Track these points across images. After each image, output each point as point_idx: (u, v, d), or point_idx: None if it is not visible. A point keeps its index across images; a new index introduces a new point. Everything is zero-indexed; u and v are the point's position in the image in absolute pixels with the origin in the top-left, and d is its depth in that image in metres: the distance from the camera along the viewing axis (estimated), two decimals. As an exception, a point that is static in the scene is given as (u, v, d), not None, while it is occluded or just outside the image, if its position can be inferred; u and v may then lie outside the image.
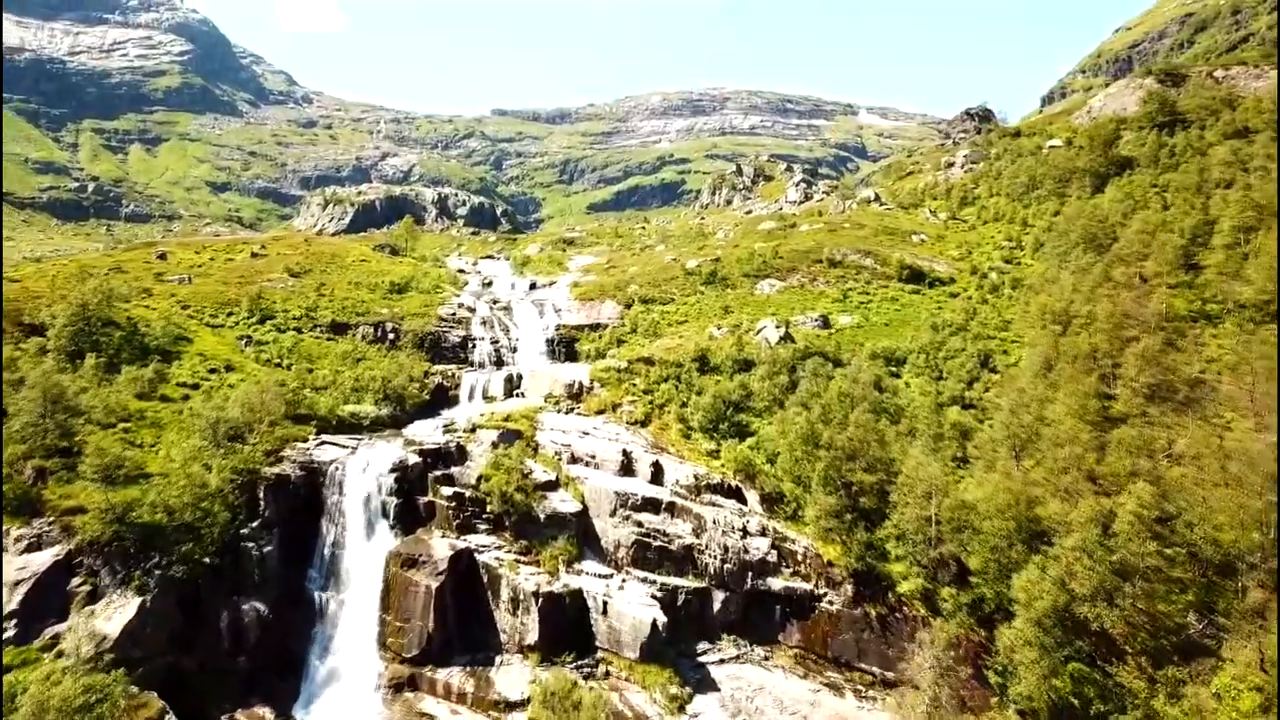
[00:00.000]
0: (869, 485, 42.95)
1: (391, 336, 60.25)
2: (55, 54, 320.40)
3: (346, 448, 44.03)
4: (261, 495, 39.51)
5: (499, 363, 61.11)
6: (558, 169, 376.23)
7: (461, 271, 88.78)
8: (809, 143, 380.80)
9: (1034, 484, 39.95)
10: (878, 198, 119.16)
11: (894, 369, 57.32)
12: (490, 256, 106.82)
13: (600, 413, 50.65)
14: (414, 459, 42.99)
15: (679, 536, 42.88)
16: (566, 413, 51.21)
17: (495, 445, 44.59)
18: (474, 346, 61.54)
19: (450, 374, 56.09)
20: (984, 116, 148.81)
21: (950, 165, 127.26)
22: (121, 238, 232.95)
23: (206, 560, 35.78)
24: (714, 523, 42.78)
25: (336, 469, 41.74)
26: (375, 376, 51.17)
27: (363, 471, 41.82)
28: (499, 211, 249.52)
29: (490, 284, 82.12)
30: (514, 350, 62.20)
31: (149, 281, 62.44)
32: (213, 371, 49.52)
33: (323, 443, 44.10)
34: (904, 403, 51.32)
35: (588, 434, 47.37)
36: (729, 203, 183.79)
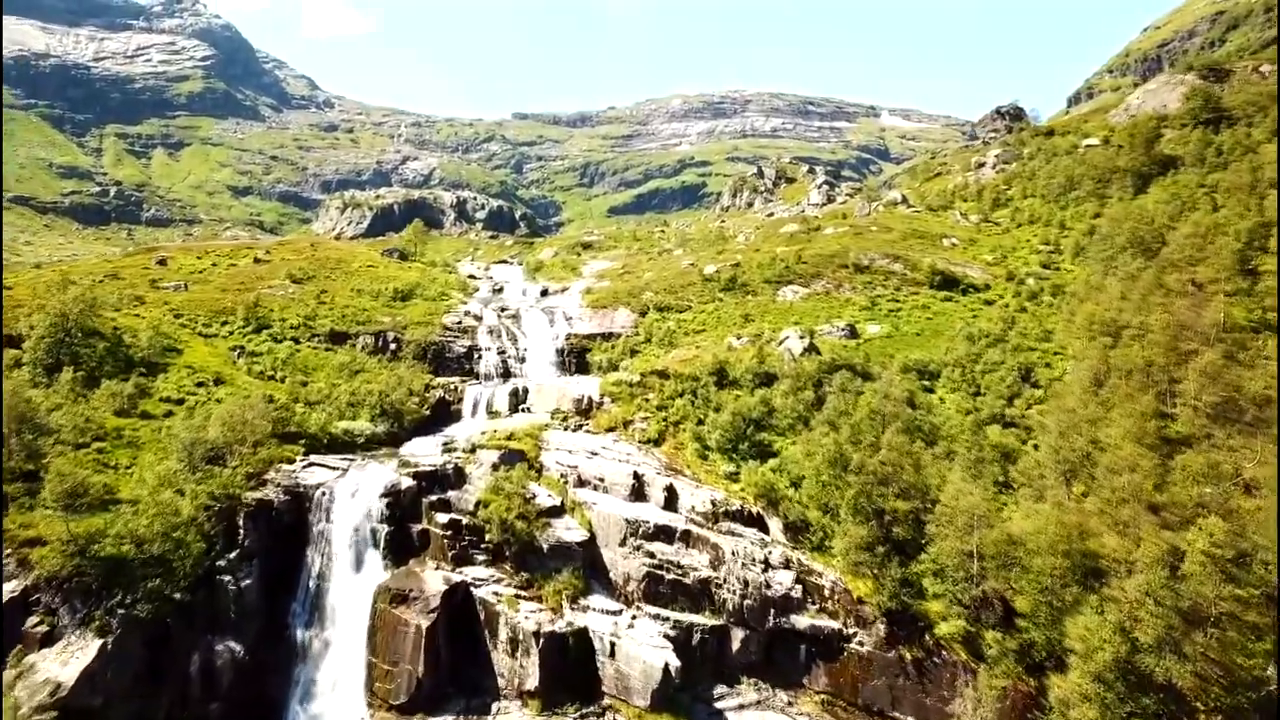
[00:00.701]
0: (903, 514, 39.16)
1: (393, 347, 57.22)
2: (80, 60, 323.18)
3: (336, 469, 40.86)
4: (241, 523, 36.46)
5: (506, 374, 57.87)
6: (578, 172, 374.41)
7: (472, 277, 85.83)
8: (831, 145, 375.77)
9: (1088, 516, 35.98)
10: (905, 199, 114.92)
11: (927, 383, 53.39)
12: (504, 261, 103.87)
13: (610, 430, 47.19)
14: (408, 482, 39.72)
15: (695, 569, 39.31)
16: (575, 429, 47.82)
17: (496, 467, 41.25)
18: (480, 357, 58.34)
19: (453, 387, 52.88)
20: (1015, 115, 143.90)
21: (981, 165, 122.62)
22: (141, 241, 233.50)
23: (177, 596, 32.72)
24: (733, 554, 39.17)
25: (324, 494, 38.57)
26: (372, 390, 48.07)
27: (352, 496, 38.65)
28: (518, 215, 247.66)
29: (501, 290, 79.06)
30: (522, 361, 58.94)
31: (143, 289, 59.95)
32: (200, 385, 46.71)
33: (311, 464, 40.96)
34: (939, 421, 47.41)
35: (596, 454, 43.92)
36: (750, 205, 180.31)
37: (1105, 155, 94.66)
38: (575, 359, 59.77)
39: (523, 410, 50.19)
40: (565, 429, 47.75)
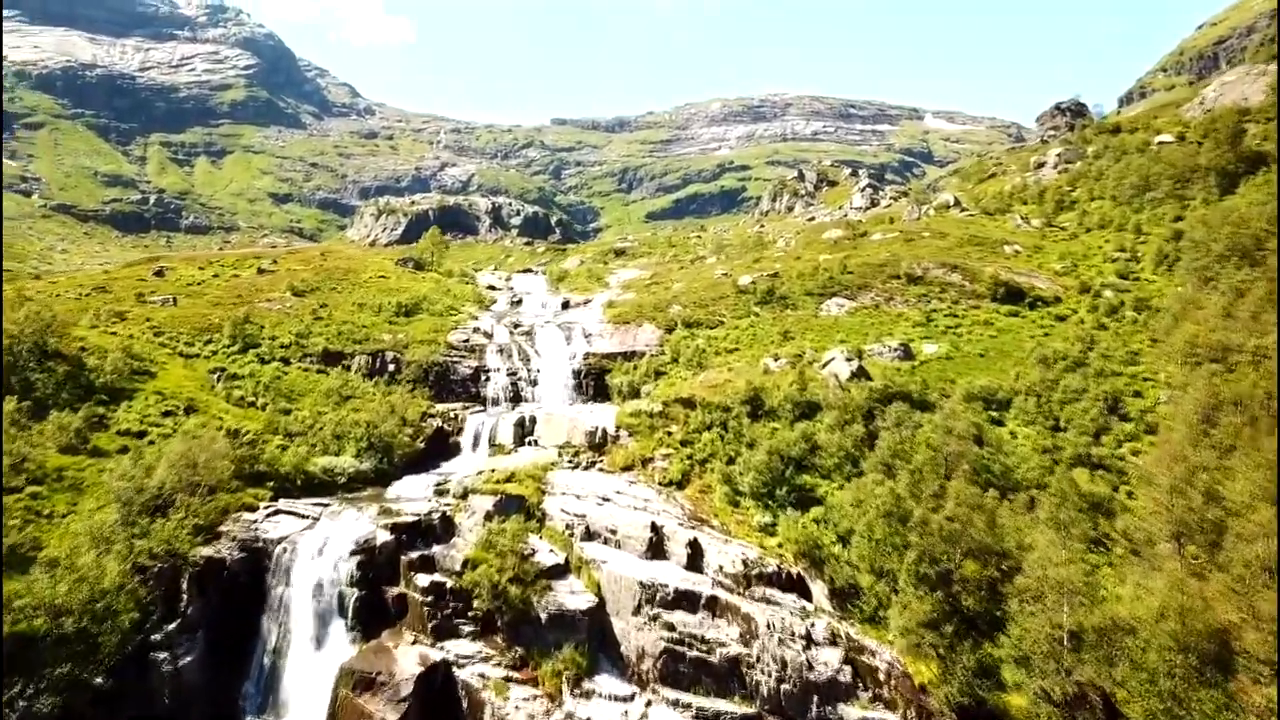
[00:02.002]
0: (974, 580, 32.26)
1: (391, 368, 51.80)
2: (126, 70, 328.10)
3: (306, 519, 35.21)
4: (185, 587, 30.97)
5: (516, 398, 52.08)
6: (616, 178, 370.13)
7: (491, 288, 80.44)
8: (873, 148, 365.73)
9: (1215, 598, 28.75)
10: (957, 202, 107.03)
11: (995, 414, 46.15)
12: (528, 270, 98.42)
13: (627, 469, 40.93)
14: (384, 537, 33.89)
15: (722, 644, 32.82)
16: (586, 467, 41.67)
17: (490, 516, 35.27)
18: (487, 379, 52.63)
19: (453, 415, 47.16)
20: (1077, 111, 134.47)
21: (1041, 165, 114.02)
22: (180, 248, 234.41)
23: (97, 681, 27.29)
24: (768, 626, 32.60)
25: (285, 550, 32.99)
26: (359, 421, 42.52)
27: (318, 553, 32.95)
28: (554, 221, 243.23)
29: (520, 302, 73.41)
30: (534, 384, 53.06)
31: (129, 303, 55.48)
32: (168, 415, 41.63)
33: (277, 512, 35.34)
34: (1013, 462, 40.25)
35: (609, 500, 37.67)
36: (790, 209, 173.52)
37: (1183, 152, 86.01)
38: (593, 381, 53.68)
39: (529, 443, 44.21)
40: (575, 466, 41.64)
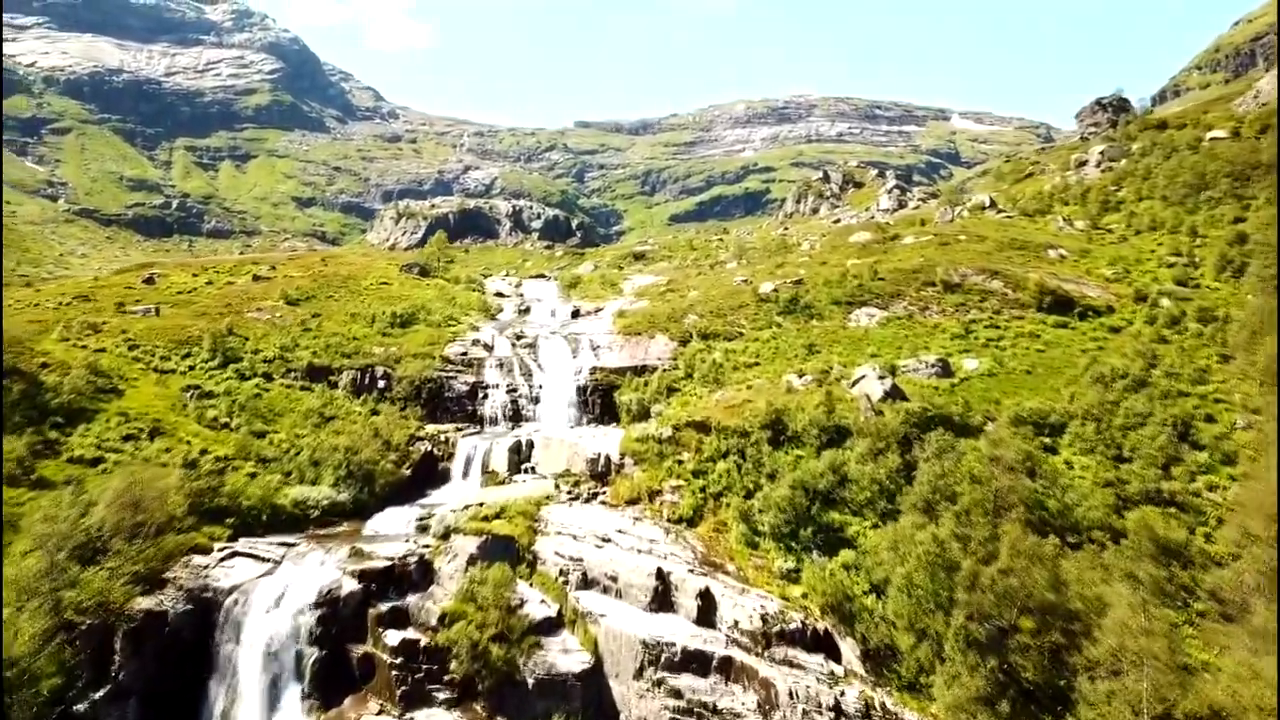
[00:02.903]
0: (1034, 644, 27.49)
1: (381, 385, 47.81)
2: (152, 75, 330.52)
3: (266, 562, 31.16)
4: (119, 645, 27.07)
5: (516, 417, 47.89)
6: (639, 180, 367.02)
7: (500, 295, 76.40)
8: (899, 149, 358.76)
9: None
10: (993, 203, 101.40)
11: (1048, 439, 41.05)
12: (541, 276, 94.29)
13: (632, 503, 36.48)
14: (351, 586, 29.67)
15: (737, 714, 28.32)
16: (588, 499, 37.31)
17: (474, 561, 30.98)
18: (485, 397, 48.45)
19: (444, 438, 42.97)
20: (1119, 106, 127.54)
21: (1082, 164, 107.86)
22: (201, 253, 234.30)
23: (3, 763, 23.37)
24: (790, 695, 28.05)
25: (236, 601, 28.97)
26: (338, 446, 38.50)
27: (275, 605, 28.83)
28: (575, 224, 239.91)
29: (528, 310, 69.25)
30: (535, 401, 48.82)
31: (108, 313, 52.07)
32: (129, 439, 37.86)
33: (233, 554, 31.28)
34: (1073, 500, 35.20)
35: (609, 540, 33.26)
36: (815, 211, 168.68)
37: (1240, 148, 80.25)
38: (600, 399, 49.27)
39: (525, 471, 39.89)
40: (575, 498, 37.26)
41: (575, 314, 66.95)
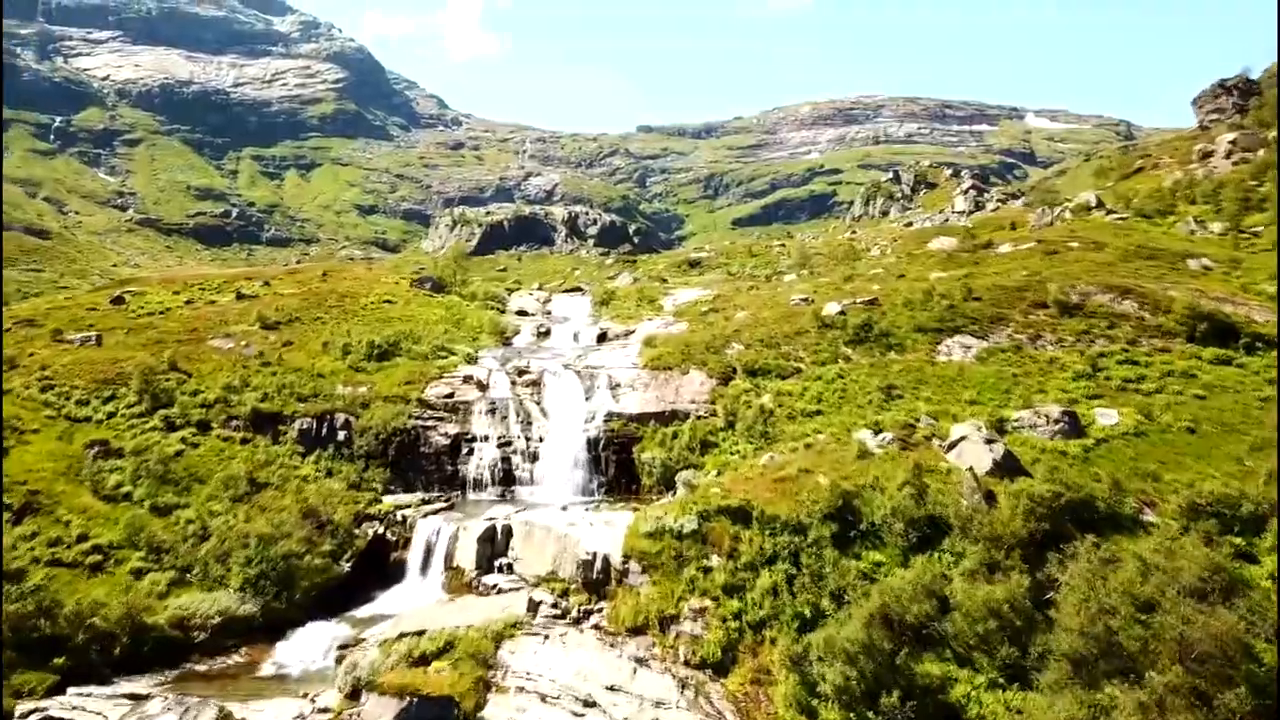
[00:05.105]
0: None
1: (341, 436, 38.24)
2: (220, 86, 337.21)
3: (90, 730, 21.73)
4: None
5: (506, 480, 37.62)
6: (702, 184, 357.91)
7: (521, 314, 66.58)
8: (971, 149, 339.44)
9: None
10: (1100, 203, 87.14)
11: (1239, 539, 28.45)
12: (576, 289, 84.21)
13: (636, 631, 25.57)
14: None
15: None
16: (578, 620, 26.53)
17: (385, 741, 20.72)
18: (470, 453, 38.31)
19: (400, 518, 32.98)
20: (1246, 90, 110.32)
21: (1208, 155, 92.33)
22: (259, 261, 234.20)
23: None
24: None
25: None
26: (251, 533, 28.93)
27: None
28: (632, 230, 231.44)
29: (548, 333, 59.01)
30: (533, 459, 38.42)
31: (40, 343, 44.07)
32: (-15, 520, 29.30)
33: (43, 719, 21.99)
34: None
35: (595, 705, 22.52)
36: (885, 214, 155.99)
37: None
38: (616, 455, 38.49)
39: (499, 570, 29.42)
40: (559, 617, 26.57)
41: (602, 338, 56.43)
